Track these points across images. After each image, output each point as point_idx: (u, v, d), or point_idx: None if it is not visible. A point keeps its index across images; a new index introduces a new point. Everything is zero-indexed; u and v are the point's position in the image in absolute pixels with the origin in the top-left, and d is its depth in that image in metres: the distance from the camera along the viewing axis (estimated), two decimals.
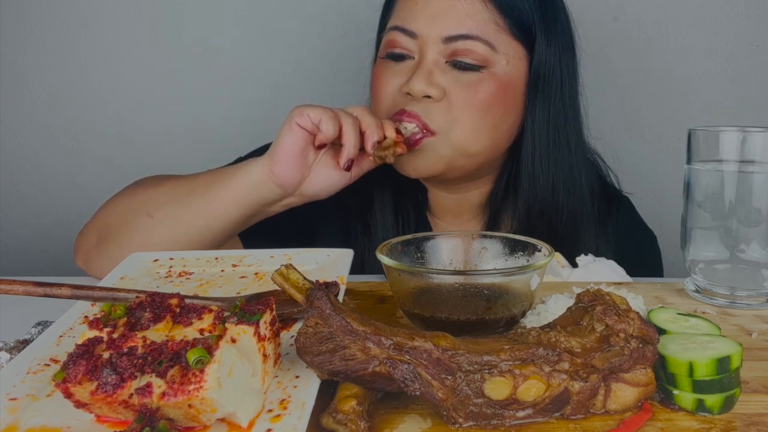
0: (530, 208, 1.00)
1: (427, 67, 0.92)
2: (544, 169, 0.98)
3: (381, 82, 0.97)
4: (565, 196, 1.00)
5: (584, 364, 0.50)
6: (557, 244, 0.76)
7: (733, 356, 0.51)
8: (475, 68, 0.92)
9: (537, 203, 0.99)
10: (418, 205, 1.08)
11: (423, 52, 0.93)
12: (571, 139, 1.00)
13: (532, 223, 1.00)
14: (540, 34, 0.95)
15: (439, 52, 0.92)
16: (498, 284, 0.62)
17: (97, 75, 1.45)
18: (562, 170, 0.99)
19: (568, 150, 0.99)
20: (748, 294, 0.75)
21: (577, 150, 1.01)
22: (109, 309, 0.52)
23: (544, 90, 0.97)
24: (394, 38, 0.95)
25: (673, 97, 1.45)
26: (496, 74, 0.93)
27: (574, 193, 1.00)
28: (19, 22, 1.42)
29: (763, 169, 0.72)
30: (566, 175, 0.99)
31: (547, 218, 1.00)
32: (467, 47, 0.91)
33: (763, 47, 1.42)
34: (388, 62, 0.97)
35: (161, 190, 0.93)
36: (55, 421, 0.48)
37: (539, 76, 0.96)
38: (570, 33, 1.01)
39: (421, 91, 0.91)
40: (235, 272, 0.76)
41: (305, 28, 1.44)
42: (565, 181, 0.99)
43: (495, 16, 0.92)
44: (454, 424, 0.50)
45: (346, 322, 0.50)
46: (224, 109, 1.47)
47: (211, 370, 0.44)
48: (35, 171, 1.48)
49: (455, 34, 0.91)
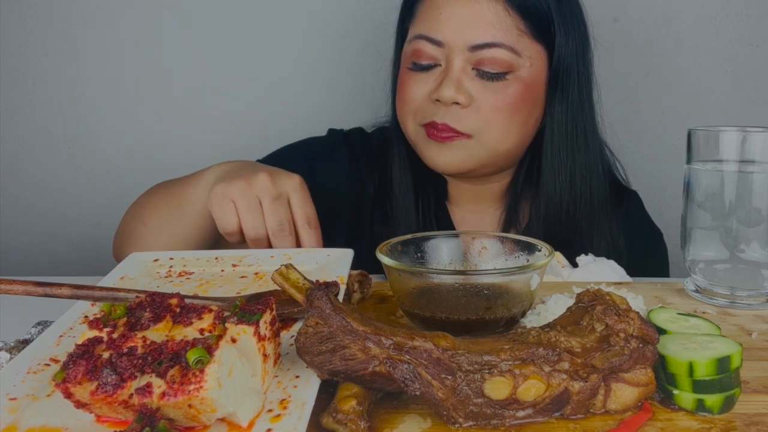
0: (550, 197, 1.02)
1: (455, 75, 0.94)
2: (563, 159, 1.01)
3: (409, 91, 0.99)
4: (582, 184, 1.02)
5: (584, 364, 0.50)
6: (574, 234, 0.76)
7: (733, 356, 0.51)
8: (501, 75, 0.94)
9: (557, 193, 1.02)
10: (437, 194, 1.10)
11: (450, 60, 0.95)
12: (588, 128, 1.02)
13: (552, 212, 1.02)
14: (559, 33, 0.97)
15: (466, 59, 0.94)
16: (498, 284, 0.62)
17: (97, 75, 1.45)
18: (580, 159, 1.02)
19: (585, 139, 1.02)
20: (748, 294, 0.75)
21: (594, 139, 1.04)
22: (109, 309, 0.52)
23: (563, 84, 0.99)
24: (420, 47, 0.97)
25: (673, 97, 1.45)
26: (520, 77, 0.95)
27: (591, 181, 1.03)
28: (19, 22, 1.42)
29: (763, 169, 0.72)
30: (584, 164, 1.02)
31: (566, 207, 1.02)
32: (492, 55, 0.93)
33: (763, 47, 1.42)
34: (415, 71, 0.99)
35: (153, 197, 0.99)
36: (55, 421, 0.48)
37: (559, 72, 0.98)
38: (584, 25, 1.02)
39: (451, 98, 0.94)
40: (235, 272, 0.76)
41: (305, 28, 1.44)
42: (582, 169, 1.02)
43: (517, 22, 0.94)
44: (454, 424, 0.50)
45: (346, 322, 0.50)
46: (224, 108, 1.47)
47: (211, 370, 0.44)
48: (35, 171, 1.48)
49: (481, 43, 0.93)
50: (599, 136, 1.07)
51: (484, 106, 0.95)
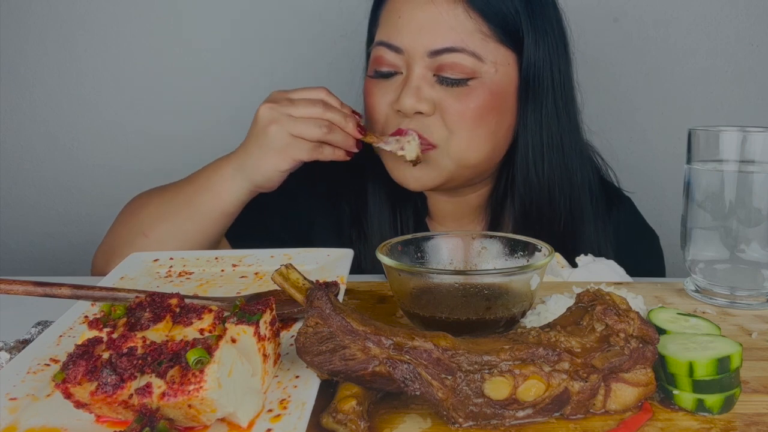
0: (527, 210, 0.99)
1: (415, 83, 0.91)
2: (538, 171, 0.97)
3: (372, 100, 0.96)
4: (561, 196, 0.99)
5: (584, 364, 0.50)
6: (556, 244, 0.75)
7: (733, 356, 0.51)
8: (463, 81, 0.90)
9: (534, 205, 0.98)
10: (417, 211, 1.07)
11: (410, 67, 0.91)
12: (565, 139, 0.98)
13: (530, 224, 0.99)
14: (528, 36, 0.93)
15: (426, 66, 0.91)
16: (498, 284, 0.62)
17: (97, 75, 1.45)
18: (557, 171, 0.98)
19: (563, 151, 0.98)
20: (748, 294, 0.75)
21: (573, 150, 0.99)
22: (108, 309, 0.52)
23: (536, 92, 0.95)
24: (381, 54, 0.94)
25: (673, 97, 1.45)
26: (485, 83, 0.91)
27: (571, 194, 0.99)
28: (19, 22, 1.42)
29: (763, 169, 0.72)
30: (562, 176, 0.98)
31: (546, 219, 0.99)
32: (453, 60, 0.89)
33: (763, 47, 1.42)
34: (378, 79, 0.96)
35: (152, 208, 0.96)
36: (55, 421, 0.48)
37: (529, 78, 0.94)
38: (561, 29, 0.98)
39: (411, 108, 0.90)
40: (235, 272, 0.76)
41: (304, 28, 1.44)
42: (561, 181, 0.98)
43: (480, 25, 0.90)
44: (454, 424, 0.50)
45: (346, 322, 0.50)
46: (224, 108, 1.47)
47: (211, 370, 0.44)
48: (35, 171, 1.48)
49: (440, 48, 0.89)
50: (582, 145, 1.03)
51: (448, 114, 0.90)
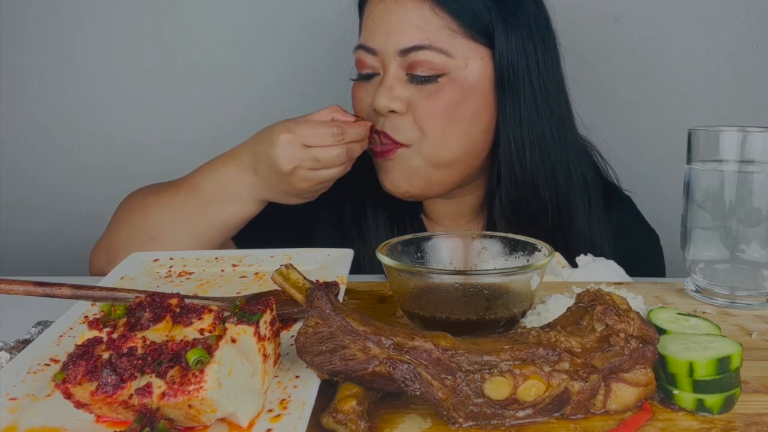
0: (515, 204, 0.98)
1: (388, 83, 0.92)
2: (523, 164, 0.96)
3: (356, 102, 0.99)
4: (546, 189, 0.97)
5: (584, 364, 0.50)
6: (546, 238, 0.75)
7: (733, 356, 0.51)
8: (432, 78, 0.91)
9: (522, 199, 0.98)
10: (413, 212, 1.08)
11: (385, 67, 0.94)
12: (548, 132, 0.97)
13: (518, 218, 0.99)
14: (498, 29, 0.93)
15: (399, 65, 0.92)
16: (498, 284, 0.62)
17: (97, 75, 1.45)
18: (540, 165, 0.97)
19: (545, 143, 0.97)
20: (748, 294, 0.75)
21: (557, 143, 0.98)
22: (108, 309, 0.52)
23: (512, 86, 0.94)
24: (360, 57, 0.97)
25: (673, 97, 1.45)
26: (455, 80, 0.91)
27: (556, 187, 0.98)
28: (19, 22, 1.42)
29: (763, 169, 0.72)
30: (546, 169, 0.97)
31: (533, 213, 0.98)
32: (421, 58, 0.90)
33: (763, 47, 1.42)
34: (360, 81, 0.98)
35: (159, 211, 0.94)
36: (55, 421, 0.48)
37: (503, 72, 0.94)
38: (540, 22, 0.97)
39: (384, 107, 0.92)
40: (235, 272, 0.76)
41: (304, 29, 1.44)
42: (546, 174, 0.97)
43: (448, 22, 0.91)
44: (454, 424, 0.50)
45: (346, 322, 0.50)
46: (223, 109, 1.47)
47: (211, 370, 0.44)
48: (35, 171, 1.48)
49: (408, 46, 0.91)
50: (572, 139, 1.02)
51: (419, 112, 0.92)
